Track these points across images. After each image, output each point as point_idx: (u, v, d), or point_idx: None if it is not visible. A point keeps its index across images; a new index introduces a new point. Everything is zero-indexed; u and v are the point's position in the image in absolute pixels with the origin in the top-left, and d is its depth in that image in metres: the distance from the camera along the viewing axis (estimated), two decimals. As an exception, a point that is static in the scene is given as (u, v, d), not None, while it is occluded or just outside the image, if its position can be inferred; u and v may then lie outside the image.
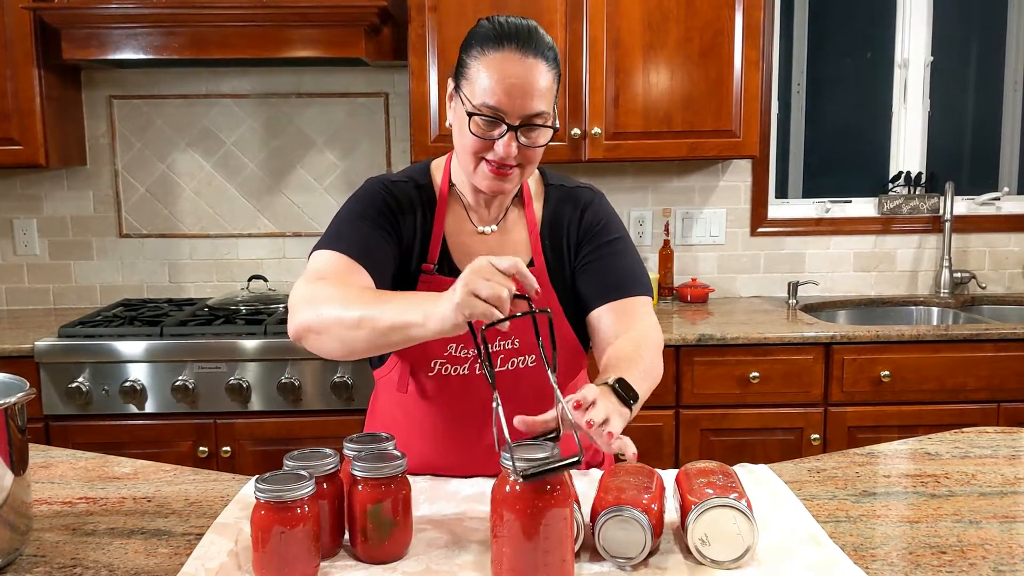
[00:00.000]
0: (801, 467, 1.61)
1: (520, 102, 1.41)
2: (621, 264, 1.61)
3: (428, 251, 1.56)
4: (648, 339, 1.52)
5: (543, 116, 1.44)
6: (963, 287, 3.50)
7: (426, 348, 1.52)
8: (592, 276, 1.59)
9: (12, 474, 1.22)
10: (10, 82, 2.95)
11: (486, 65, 1.41)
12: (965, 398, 2.90)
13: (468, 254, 1.56)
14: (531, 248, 1.60)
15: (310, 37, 2.89)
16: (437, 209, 1.58)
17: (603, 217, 1.64)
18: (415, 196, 1.58)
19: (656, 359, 1.51)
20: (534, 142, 1.45)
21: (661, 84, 3.01)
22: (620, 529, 1.21)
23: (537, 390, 1.54)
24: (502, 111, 1.41)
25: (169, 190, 3.39)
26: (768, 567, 1.21)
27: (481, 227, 1.60)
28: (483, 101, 1.41)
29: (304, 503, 1.16)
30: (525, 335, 1.53)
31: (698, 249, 3.50)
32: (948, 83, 3.60)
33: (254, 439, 2.79)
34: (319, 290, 1.38)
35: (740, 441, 2.87)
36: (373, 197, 1.56)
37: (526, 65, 1.40)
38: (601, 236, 1.62)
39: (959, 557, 1.25)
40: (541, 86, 1.42)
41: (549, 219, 1.62)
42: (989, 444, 1.72)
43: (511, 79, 1.40)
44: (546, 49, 1.43)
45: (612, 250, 1.61)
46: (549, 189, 1.65)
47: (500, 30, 1.42)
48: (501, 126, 1.42)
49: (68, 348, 2.74)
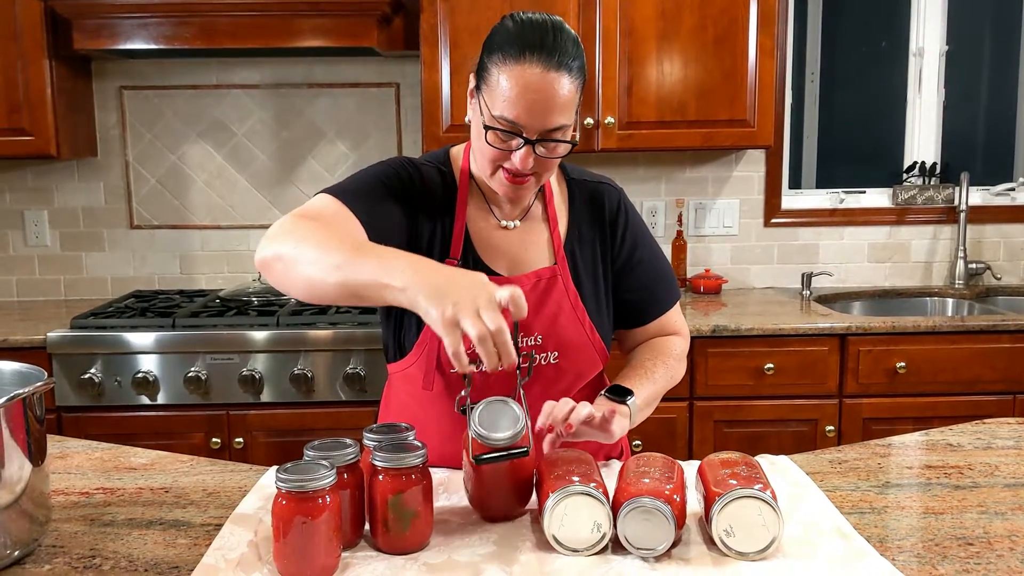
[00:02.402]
0: (822, 458, 1.60)
1: (540, 118, 1.37)
2: (657, 277, 1.66)
3: (451, 243, 1.53)
4: (674, 349, 1.65)
5: (563, 130, 1.40)
6: (978, 278, 3.47)
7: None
8: (631, 295, 1.63)
9: (31, 464, 1.21)
10: (21, 73, 2.94)
11: (507, 76, 1.36)
12: (981, 389, 2.88)
13: (492, 248, 1.54)
14: (553, 247, 1.57)
15: (321, 27, 2.88)
16: (458, 199, 1.54)
17: (636, 221, 1.64)
18: (439, 182, 1.54)
19: (671, 362, 1.63)
20: (552, 153, 1.42)
21: (675, 73, 2.99)
22: (643, 520, 1.19)
23: (558, 389, 1.54)
24: (520, 125, 1.37)
25: (180, 181, 3.38)
26: (793, 559, 1.19)
27: (505, 221, 1.56)
28: (501, 113, 1.37)
29: (326, 493, 1.15)
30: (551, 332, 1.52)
31: (711, 240, 3.48)
32: (963, 72, 3.57)
33: (267, 430, 2.79)
34: (303, 224, 1.30)
35: (754, 433, 2.85)
36: (399, 170, 1.50)
37: (548, 80, 1.35)
38: (634, 248, 1.63)
39: (986, 549, 1.23)
40: (563, 100, 1.37)
41: (576, 218, 1.60)
42: (1011, 435, 1.71)
43: (531, 95, 1.35)
44: (571, 59, 1.37)
45: (650, 258, 1.65)
46: (571, 184, 1.63)
47: (523, 38, 1.35)
48: (518, 139, 1.39)
49: (80, 339, 2.74)
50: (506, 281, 1.51)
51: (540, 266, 1.55)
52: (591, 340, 1.57)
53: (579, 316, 1.55)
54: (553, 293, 1.54)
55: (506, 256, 1.55)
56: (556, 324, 1.53)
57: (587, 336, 1.56)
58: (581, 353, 1.56)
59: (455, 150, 1.61)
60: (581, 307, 1.56)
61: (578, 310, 1.55)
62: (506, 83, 1.36)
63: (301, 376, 2.75)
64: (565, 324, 1.54)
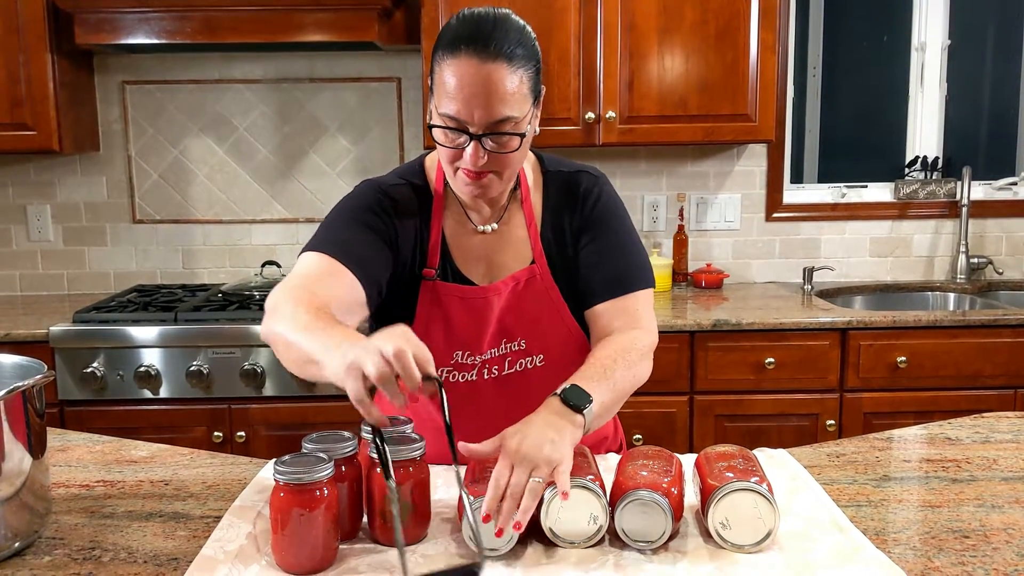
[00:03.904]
0: (820, 452, 1.60)
1: (481, 111, 1.32)
2: (623, 256, 1.54)
3: (428, 254, 1.50)
4: (635, 344, 1.47)
5: (510, 122, 1.34)
6: (980, 272, 3.47)
7: (434, 356, 1.45)
8: (593, 270, 1.52)
9: (31, 457, 1.22)
10: (23, 67, 2.94)
11: (446, 71, 1.33)
12: (982, 384, 2.88)
13: (468, 255, 1.52)
14: (531, 244, 1.53)
15: (322, 21, 2.88)
16: (434, 210, 1.51)
17: (604, 203, 1.55)
18: (411, 197, 1.51)
19: (640, 365, 1.46)
20: (504, 148, 1.36)
21: (676, 68, 2.99)
22: (640, 513, 1.20)
23: (547, 390, 1.46)
24: (463, 121, 1.34)
25: (182, 176, 3.39)
26: (789, 552, 1.20)
27: (481, 226, 1.53)
28: (445, 110, 1.34)
29: (323, 485, 1.16)
30: (535, 335, 1.50)
31: (713, 234, 3.48)
32: (965, 67, 3.57)
33: (268, 424, 2.79)
34: (282, 302, 1.31)
35: (755, 427, 2.85)
36: (366, 198, 1.49)
37: (486, 70, 1.31)
38: (601, 225, 1.54)
39: (982, 542, 1.24)
40: (505, 90, 1.32)
41: (551, 210, 1.54)
42: (1010, 429, 1.71)
43: (470, 87, 1.31)
44: (511, 47, 1.33)
45: (614, 241, 1.54)
46: (547, 176, 1.57)
47: (459, 31, 1.33)
48: (465, 136, 1.35)
49: (83, 333, 2.75)
50: (489, 292, 1.49)
51: (518, 267, 1.52)
52: (575, 337, 1.54)
53: (561, 313, 1.53)
54: (532, 294, 1.51)
55: (483, 261, 1.53)
56: (538, 326, 1.51)
57: (570, 334, 1.54)
58: (566, 351, 1.53)
59: (429, 159, 1.57)
60: (562, 303, 1.53)
61: (559, 307, 1.52)
62: (446, 79, 1.33)
63: (302, 370, 2.75)
64: (547, 325, 1.52)
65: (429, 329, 1.49)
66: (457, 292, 1.49)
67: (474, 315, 1.50)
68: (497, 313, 1.50)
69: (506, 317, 1.50)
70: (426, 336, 1.42)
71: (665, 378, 2.80)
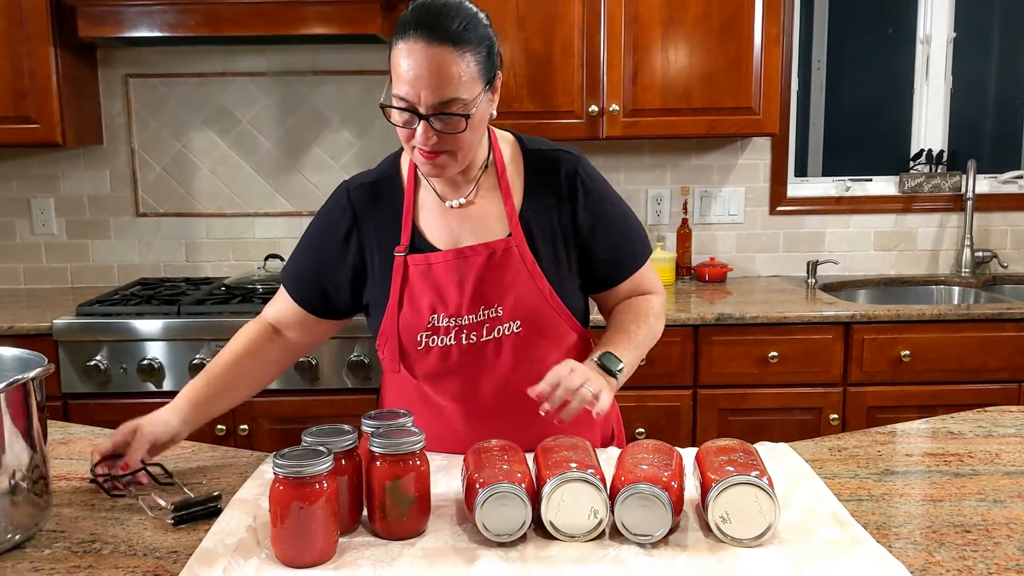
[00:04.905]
0: (822, 446, 1.60)
1: (428, 92, 1.38)
2: (626, 240, 1.66)
3: (400, 233, 1.57)
4: (651, 307, 1.67)
5: (458, 103, 1.40)
6: (984, 266, 3.46)
7: (410, 323, 1.55)
8: (608, 264, 1.64)
9: (31, 449, 1.22)
10: (26, 60, 2.94)
11: (398, 55, 1.40)
12: (986, 378, 2.87)
13: (439, 228, 1.58)
14: (507, 218, 1.57)
15: (325, 14, 2.87)
16: (405, 192, 1.58)
17: (598, 183, 1.63)
18: (380, 193, 1.60)
19: (651, 321, 1.65)
20: (452, 128, 1.42)
21: (680, 60, 2.98)
22: (640, 507, 1.20)
23: (521, 356, 1.57)
24: (411, 102, 1.40)
25: (185, 169, 3.39)
26: (789, 545, 1.20)
27: (449, 202, 1.58)
28: (396, 91, 1.42)
29: (322, 479, 1.16)
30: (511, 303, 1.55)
31: (716, 228, 3.47)
32: (970, 60, 3.55)
33: (271, 418, 2.80)
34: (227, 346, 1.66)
35: (758, 421, 2.85)
36: (331, 208, 1.64)
37: (429, 54, 1.37)
38: (603, 217, 1.62)
39: (983, 536, 1.23)
40: (451, 72, 1.38)
41: (531, 186, 1.60)
42: (1013, 423, 1.70)
43: (414, 69, 1.38)
44: (458, 29, 1.39)
45: (617, 229, 1.64)
46: (527, 154, 1.62)
47: (410, 16, 1.40)
48: (412, 115, 1.41)
49: (86, 326, 2.75)
50: (458, 254, 1.55)
51: (494, 238, 1.57)
52: (553, 307, 1.57)
53: (538, 284, 1.56)
54: (510, 263, 1.55)
55: (455, 233, 1.58)
56: (515, 294, 1.55)
57: (548, 304, 1.57)
58: (544, 321, 1.57)
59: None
60: (540, 274, 1.56)
61: (536, 278, 1.56)
62: (399, 61, 1.40)
63: (305, 364, 2.76)
64: (524, 293, 1.55)
65: (403, 300, 1.56)
66: (424, 260, 1.56)
67: (445, 278, 1.55)
68: (472, 279, 1.54)
69: (483, 284, 1.55)
70: (401, 307, 1.55)
71: (669, 372, 2.80)
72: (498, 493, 1.20)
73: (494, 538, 1.20)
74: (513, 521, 1.20)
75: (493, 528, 1.20)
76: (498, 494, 1.20)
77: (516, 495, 1.20)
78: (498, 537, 1.20)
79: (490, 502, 1.20)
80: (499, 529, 1.20)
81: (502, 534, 1.20)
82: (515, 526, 1.20)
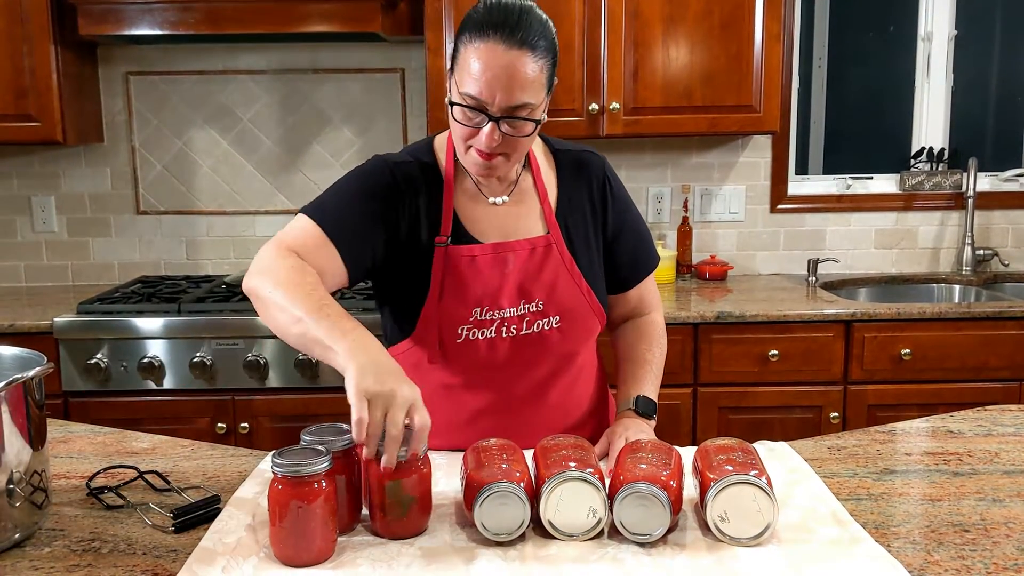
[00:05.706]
0: (821, 444, 1.60)
1: (502, 94, 1.40)
2: (641, 242, 1.72)
3: (440, 223, 1.56)
4: (656, 326, 1.76)
5: (527, 108, 1.42)
6: (985, 264, 3.46)
7: (453, 315, 1.53)
8: (626, 269, 1.70)
9: (30, 448, 1.22)
10: (27, 58, 2.94)
11: (472, 54, 1.41)
12: (987, 376, 2.87)
13: (481, 224, 1.58)
14: (544, 217, 1.61)
15: (326, 12, 2.87)
16: (444, 186, 1.57)
17: (620, 188, 1.69)
18: (419, 176, 1.57)
19: (663, 342, 1.76)
20: (518, 132, 1.44)
21: (681, 58, 2.97)
22: (639, 506, 1.20)
23: (561, 354, 1.60)
24: (484, 102, 1.41)
25: (186, 167, 3.39)
26: (788, 545, 1.20)
27: (492, 198, 1.59)
28: (467, 90, 1.41)
29: (321, 478, 1.16)
30: (551, 298, 1.57)
31: (717, 226, 3.47)
32: (972, 58, 3.55)
33: (272, 416, 2.80)
34: (281, 267, 1.41)
35: (758, 419, 2.85)
36: (377, 176, 1.56)
37: (510, 56, 1.39)
38: (626, 212, 1.69)
39: (982, 535, 1.23)
40: (526, 77, 1.40)
41: (566, 186, 1.63)
42: (1012, 422, 1.70)
43: (493, 70, 1.39)
44: (535, 37, 1.41)
45: (634, 233, 1.70)
46: (557, 154, 1.66)
47: (487, 17, 1.41)
48: (483, 116, 1.42)
49: (87, 324, 2.75)
50: (502, 248, 1.55)
51: (533, 236, 1.59)
52: (590, 304, 1.61)
53: (576, 281, 1.59)
54: (549, 260, 1.58)
55: (498, 229, 1.58)
56: (555, 290, 1.58)
57: (585, 300, 1.60)
58: (580, 317, 1.60)
59: (439, 138, 1.63)
60: (578, 272, 1.60)
61: (575, 275, 1.59)
62: (471, 61, 1.41)
63: (306, 362, 2.76)
64: (563, 290, 1.58)
65: (445, 292, 1.54)
66: (468, 252, 1.55)
67: (489, 272, 1.55)
68: (515, 273, 1.56)
69: (524, 278, 1.56)
70: (443, 299, 1.53)
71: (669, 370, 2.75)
72: (497, 492, 1.20)
73: (493, 537, 1.21)
74: (512, 520, 1.21)
75: (492, 527, 1.20)
76: (497, 493, 1.20)
77: (515, 494, 1.20)
78: (497, 536, 1.21)
79: (489, 501, 1.20)
80: (498, 528, 1.21)
81: (501, 533, 1.21)
82: (514, 525, 1.21)
